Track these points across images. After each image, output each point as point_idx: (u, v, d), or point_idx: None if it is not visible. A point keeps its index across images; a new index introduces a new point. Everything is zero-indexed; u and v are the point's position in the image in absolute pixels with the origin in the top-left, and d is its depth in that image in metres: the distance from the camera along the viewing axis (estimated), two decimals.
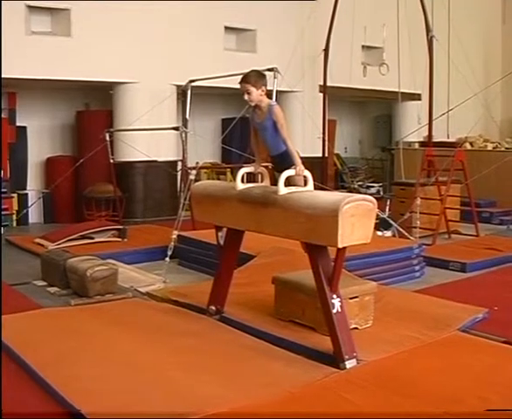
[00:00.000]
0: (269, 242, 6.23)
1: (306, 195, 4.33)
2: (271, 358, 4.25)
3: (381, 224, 8.52)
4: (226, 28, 12.04)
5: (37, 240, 8.50)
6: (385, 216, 8.71)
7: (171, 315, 5.31)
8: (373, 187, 14.72)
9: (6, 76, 9.15)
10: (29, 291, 6.27)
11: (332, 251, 4.20)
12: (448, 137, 13.11)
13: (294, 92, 12.04)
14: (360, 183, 14.78)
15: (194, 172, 7.92)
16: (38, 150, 11.65)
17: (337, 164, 15.60)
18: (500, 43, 17.51)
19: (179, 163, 10.44)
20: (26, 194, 11.26)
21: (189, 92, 10.05)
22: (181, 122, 10.42)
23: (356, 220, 3.99)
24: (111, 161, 9.69)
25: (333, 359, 4.12)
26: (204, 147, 12.25)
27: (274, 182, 4.64)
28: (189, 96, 10.07)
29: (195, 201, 5.37)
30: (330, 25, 12.30)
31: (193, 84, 10.02)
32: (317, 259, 4.22)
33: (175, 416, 3.35)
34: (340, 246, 3.98)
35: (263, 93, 4.69)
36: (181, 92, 10.92)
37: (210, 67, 10.39)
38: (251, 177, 4.96)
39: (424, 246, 7.53)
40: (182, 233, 7.48)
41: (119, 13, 10.45)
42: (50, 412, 3.49)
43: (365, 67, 12.99)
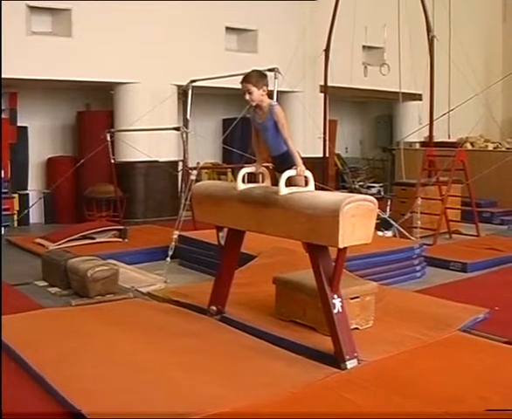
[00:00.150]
0: (270, 242, 6.23)
1: (307, 195, 4.33)
2: (272, 358, 4.25)
3: (382, 224, 8.52)
4: (227, 28, 12.03)
5: (38, 240, 8.50)
6: (386, 217, 8.71)
7: (172, 315, 5.31)
8: (374, 187, 14.73)
9: (7, 76, 9.15)
10: (30, 291, 6.27)
11: (333, 252, 4.20)
12: (449, 137, 13.11)
13: (295, 92, 12.05)
14: (361, 183, 14.78)
15: (195, 172, 7.93)
16: (39, 150, 11.66)
17: (338, 164, 15.59)
18: (500, 42, 17.46)
19: (180, 163, 10.44)
20: (27, 194, 11.26)
21: (190, 92, 10.05)
22: (182, 122, 10.42)
23: (357, 220, 3.99)
24: (112, 162, 9.68)
25: (334, 359, 4.13)
26: (205, 147, 12.25)
27: (275, 183, 4.64)
28: (190, 96, 10.07)
29: (196, 201, 5.37)
30: (331, 25, 12.31)
31: (194, 84, 10.02)
32: (318, 259, 4.22)
33: (176, 416, 3.35)
34: (341, 246, 3.98)
35: (264, 93, 4.69)
36: (182, 92, 10.93)
37: (211, 67, 10.38)
38: (252, 177, 4.96)
39: (425, 246, 7.53)
40: (183, 233, 7.48)
41: (120, 13, 10.45)
42: (50, 412, 3.49)
43: (366, 67, 12.99)
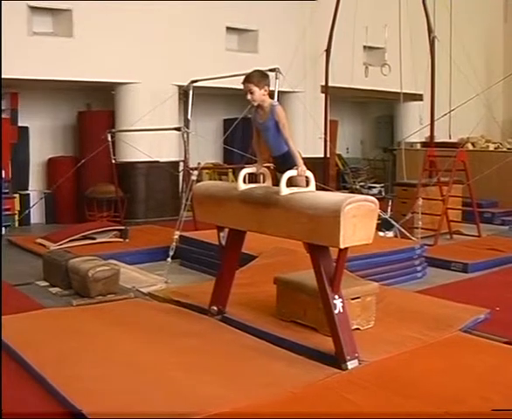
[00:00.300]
0: (271, 242, 6.23)
1: (308, 195, 4.33)
2: (272, 358, 4.25)
3: (383, 225, 8.51)
4: (228, 28, 12.04)
5: (39, 240, 8.50)
6: (387, 217, 8.70)
7: (173, 315, 5.31)
8: (375, 187, 14.72)
9: (8, 76, 9.16)
10: (31, 291, 6.27)
11: (334, 252, 4.20)
12: (450, 137, 13.10)
13: (296, 92, 12.05)
14: (362, 184, 14.77)
15: (196, 172, 7.93)
16: (40, 150, 11.67)
17: (339, 165, 15.59)
18: (501, 42, 17.47)
19: (181, 164, 10.44)
20: (28, 194, 11.27)
21: (191, 92, 10.06)
22: (183, 123, 10.42)
23: (358, 220, 3.99)
24: (113, 162, 9.69)
25: (335, 359, 4.12)
26: (206, 147, 12.24)
27: (276, 183, 4.64)
28: (191, 96, 10.07)
29: (197, 201, 5.37)
30: (332, 26, 12.31)
31: (195, 84, 10.03)
32: (319, 260, 4.22)
33: (177, 416, 3.35)
34: (342, 247, 3.98)
35: (266, 93, 4.69)
36: (183, 92, 10.93)
37: (211, 68, 10.39)
38: (253, 178, 4.96)
39: (425, 247, 7.52)
40: (184, 233, 7.48)
41: (120, 14, 10.45)
42: (51, 412, 3.49)
43: (367, 68, 13.00)
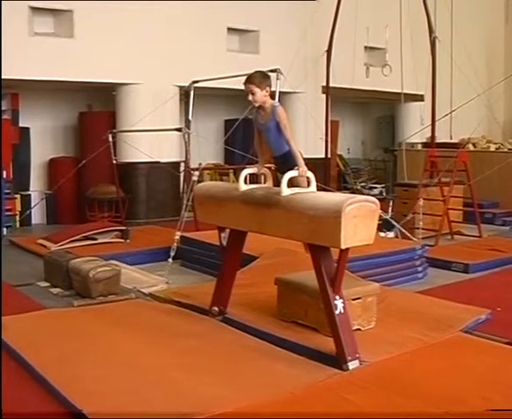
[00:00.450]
0: (272, 243, 6.23)
1: (309, 196, 4.33)
2: (273, 359, 4.25)
3: (384, 225, 8.50)
4: (229, 29, 12.04)
5: (40, 241, 8.50)
6: (388, 217, 8.70)
7: (174, 316, 5.31)
8: (376, 188, 14.71)
9: (9, 77, 9.17)
10: (32, 292, 6.28)
11: (335, 252, 4.20)
12: (451, 138, 13.11)
13: (297, 93, 12.05)
14: (363, 184, 14.76)
15: (197, 173, 7.94)
16: (41, 151, 11.67)
17: (340, 165, 15.59)
18: (502, 43, 17.48)
19: (182, 164, 10.45)
20: (29, 195, 11.27)
21: (192, 93, 10.06)
22: (184, 123, 10.42)
23: (359, 221, 3.99)
24: (114, 162, 9.69)
25: (335, 360, 4.12)
26: (207, 148, 12.23)
27: (277, 183, 4.64)
28: (192, 97, 10.07)
29: (198, 202, 5.37)
30: (333, 26, 12.31)
31: (196, 85, 10.03)
32: (320, 260, 4.22)
33: (179, 416, 3.35)
34: (342, 247, 3.98)
35: (267, 94, 4.69)
36: (184, 93, 10.93)
37: (212, 68, 10.39)
38: (254, 178, 4.96)
39: (426, 247, 7.52)
40: (184, 234, 7.48)
41: (121, 14, 10.45)
42: (51, 412, 3.50)
43: (368, 68, 13.00)
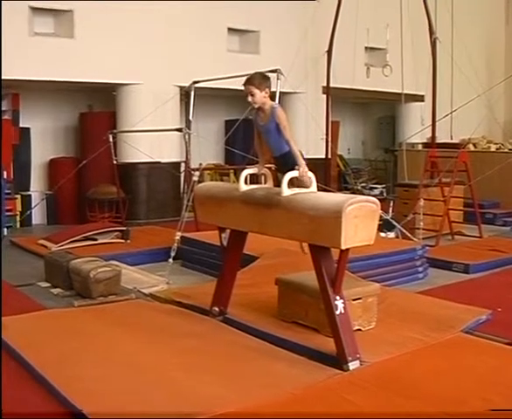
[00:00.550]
0: (272, 243, 6.22)
1: (309, 196, 4.33)
2: (274, 359, 4.25)
3: (384, 226, 8.50)
4: (229, 29, 12.04)
5: (40, 241, 8.51)
6: (388, 218, 8.69)
7: (174, 316, 5.31)
8: (376, 188, 14.70)
9: (10, 77, 9.17)
10: (32, 292, 6.28)
11: (335, 253, 4.20)
12: (451, 138, 13.11)
13: (298, 93, 12.06)
14: (363, 185, 14.76)
15: (197, 173, 7.93)
16: (42, 151, 11.67)
17: (340, 165, 15.59)
18: (503, 43, 17.47)
19: (182, 164, 10.45)
20: (30, 195, 11.26)
21: (192, 93, 10.05)
22: (184, 123, 10.42)
23: (360, 221, 3.99)
24: (114, 163, 9.68)
25: (336, 360, 4.12)
26: (208, 148, 12.23)
27: (278, 184, 4.64)
28: (192, 97, 10.07)
29: (198, 202, 5.37)
30: (333, 27, 12.31)
31: (196, 85, 10.02)
32: (320, 261, 4.22)
33: (179, 416, 3.35)
34: (343, 247, 3.98)
35: (266, 96, 4.69)
36: (184, 93, 10.93)
37: (213, 69, 10.39)
38: (254, 179, 4.96)
39: (427, 247, 7.52)
40: (185, 234, 7.48)
41: (122, 14, 10.45)
42: (51, 412, 3.50)
43: (368, 68, 12.99)
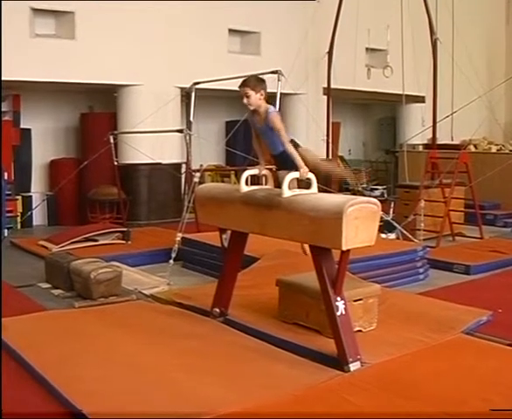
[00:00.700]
0: (273, 244, 6.22)
1: (310, 197, 4.33)
2: (274, 360, 4.25)
3: (385, 227, 8.50)
4: (230, 30, 12.05)
5: (41, 242, 8.51)
6: (389, 219, 8.70)
7: (175, 317, 5.31)
8: (377, 189, 14.67)
9: (11, 78, 9.17)
10: (33, 293, 6.28)
11: (336, 254, 4.20)
12: (452, 139, 13.11)
13: (298, 94, 12.07)
14: (364, 186, 14.74)
15: (198, 174, 7.93)
16: (43, 152, 11.67)
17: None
18: (504, 44, 17.46)
19: (183, 166, 10.46)
20: (30, 196, 11.26)
21: (193, 94, 10.06)
22: (185, 125, 10.43)
23: (360, 222, 3.99)
24: (115, 164, 9.68)
25: (337, 361, 4.12)
26: (208, 149, 12.25)
27: (278, 184, 4.64)
28: (193, 98, 10.08)
29: (199, 203, 5.37)
30: (334, 28, 12.32)
31: (197, 86, 10.03)
32: (321, 262, 4.22)
33: (180, 417, 3.35)
34: (344, 249, 3.99)
35: (262, 98, 4.69)
36: (185, 94, 10.94)
37: (214, 70, 10.39)
38: (255, 180, 4.97)
39: (428, 248, 7.52)
40: (186, 235, 7.48)
41: (123, 16, 10.45)
42: (51, 412, 3.50)
43: (369, 69, 12.99)
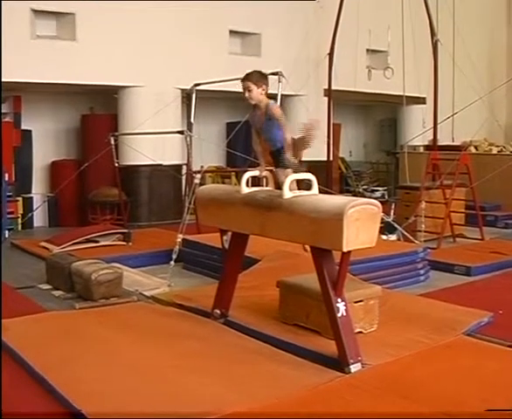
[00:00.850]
0: (274, 246, 6.23)
1: (310, 198, 4.33)
2: (275, 361, 4.25)
3: (386, 228, 8.50)
4: (231, 32, 12.05)
5: (42, 244, 8.51)
6: (390, 220, 8.70)
7: (176, 319, 5.31)
8: (378, 190, 14.69)
9: (11, 79, 9.17)
10: (34, 294, 6.28)
11: (337, 255, 4.20)
12: (453, 141, 13.10)
13: (299, 95, 12.06)
14: (365, 187, 14.76)
15: (199, 176, 7.93)
16: (43, 154, 11.67)
17: (342, 168, 15.60)
18: (505, 45, 17.45)
19: (184, 167, 10.46)
20: (31, 197, 11.27)
21: (193, 95, 10.06)
22: (186, 126, 10.43)
23: (361, 224, 3.99)
24: (116, 165, 9.70)
25: (338, 363, 4.12)
26: (209, 150, 12.25)
27: (277, 182, 4.65)
28: (193, 100, 10.08)
29: (200, 204, 5.37)
30: (335, 29, 12.32)
31: (198, 87, 10.03)
32: (322, 263, 4.21)
33: (181, 417, 3.35)
34: (345, 250, 3.98)
35: (263, 93, 4.71)
36: (186, 95, 10.94)
37: (214, 71, 10.40)
38: (255, 181, 4.97)
39: (429, 250, 7.51)
40: (186, 237, 7.48)
41: (124, 17, 10.46)
42: (51, 412, 3.50)
43: (370, 71, 12.97)
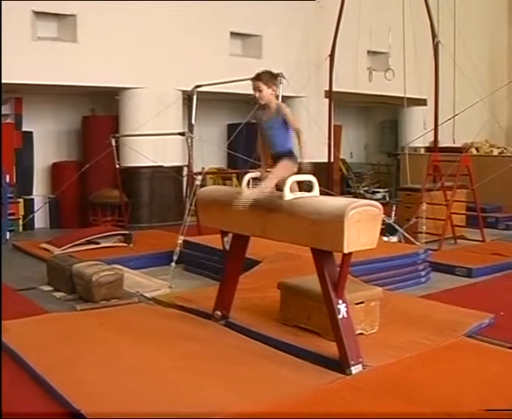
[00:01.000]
0: (275, 247, 6.23)
1: (311, 200, 4.33)
2: (276, 363, 4.25)
3: (387, 230, 8.50)
4: (232, 33, 12.06)
5: (43, 245, 8.51)
6: (391, 222, 8.69)
7: (177, 320, 5.31)
8: (379, 192, 14.70)
9: (13, 81, 9.19)
10: (35, 296, 6.28)
11: (337, 257, 4.20)
12: (454, 142, 13.09)
13: (300, 97, 12.06)
14: (366, 189, 14.76)
15: (200, 177, 7.93)
16: (44, 155, 11.69)
17: (343, 169, 15.60)
18: (506, 47, 17.46)
19: (185, 168, 10.46)
20: (32, 199, 11.29)
21: (195, 97, 10.07)
22: (187, 127, 10.43)
23: (362, 225, 3.99)
24: (117, 167, 9.71)
25: (339, 364, 4.12)
26: (210, 152, 12.26)
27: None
28: (195, 101, 10.09)
29: (201, 206, 5.37)
30: (336, 30, 12.33)
31: (199, 89, 10.04)
32: (323, 265, 4.21)
33: (181, 417, 3.37)
34: (345, 251, 3.98)
35: (273, 93, 4.71)
36: (187, 97, 10.95)
37: (215, 73, 10.41)
38: (256, 183, 4.96)
39: (430, 251, 7.51)
40: (187, 238, 7.49)
41: (125, 19, 10.47)
42: (51, 412, 3.51)
43: (371, 72, 12.97)
